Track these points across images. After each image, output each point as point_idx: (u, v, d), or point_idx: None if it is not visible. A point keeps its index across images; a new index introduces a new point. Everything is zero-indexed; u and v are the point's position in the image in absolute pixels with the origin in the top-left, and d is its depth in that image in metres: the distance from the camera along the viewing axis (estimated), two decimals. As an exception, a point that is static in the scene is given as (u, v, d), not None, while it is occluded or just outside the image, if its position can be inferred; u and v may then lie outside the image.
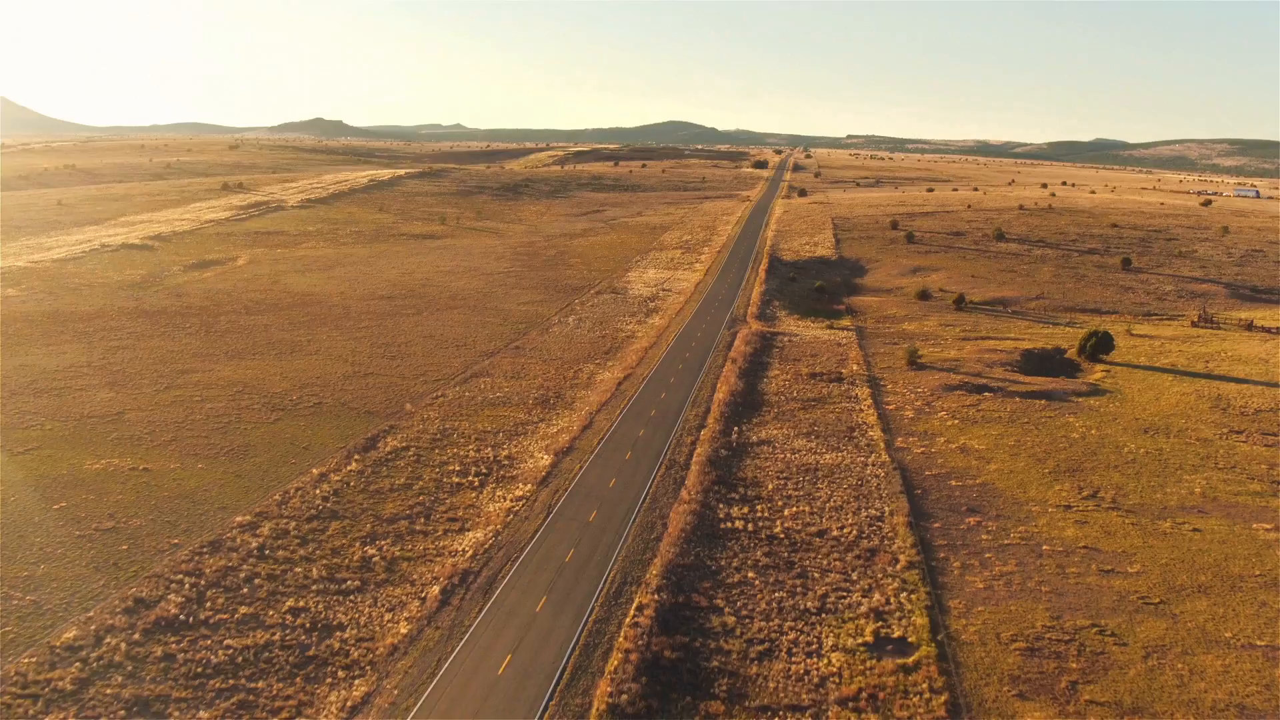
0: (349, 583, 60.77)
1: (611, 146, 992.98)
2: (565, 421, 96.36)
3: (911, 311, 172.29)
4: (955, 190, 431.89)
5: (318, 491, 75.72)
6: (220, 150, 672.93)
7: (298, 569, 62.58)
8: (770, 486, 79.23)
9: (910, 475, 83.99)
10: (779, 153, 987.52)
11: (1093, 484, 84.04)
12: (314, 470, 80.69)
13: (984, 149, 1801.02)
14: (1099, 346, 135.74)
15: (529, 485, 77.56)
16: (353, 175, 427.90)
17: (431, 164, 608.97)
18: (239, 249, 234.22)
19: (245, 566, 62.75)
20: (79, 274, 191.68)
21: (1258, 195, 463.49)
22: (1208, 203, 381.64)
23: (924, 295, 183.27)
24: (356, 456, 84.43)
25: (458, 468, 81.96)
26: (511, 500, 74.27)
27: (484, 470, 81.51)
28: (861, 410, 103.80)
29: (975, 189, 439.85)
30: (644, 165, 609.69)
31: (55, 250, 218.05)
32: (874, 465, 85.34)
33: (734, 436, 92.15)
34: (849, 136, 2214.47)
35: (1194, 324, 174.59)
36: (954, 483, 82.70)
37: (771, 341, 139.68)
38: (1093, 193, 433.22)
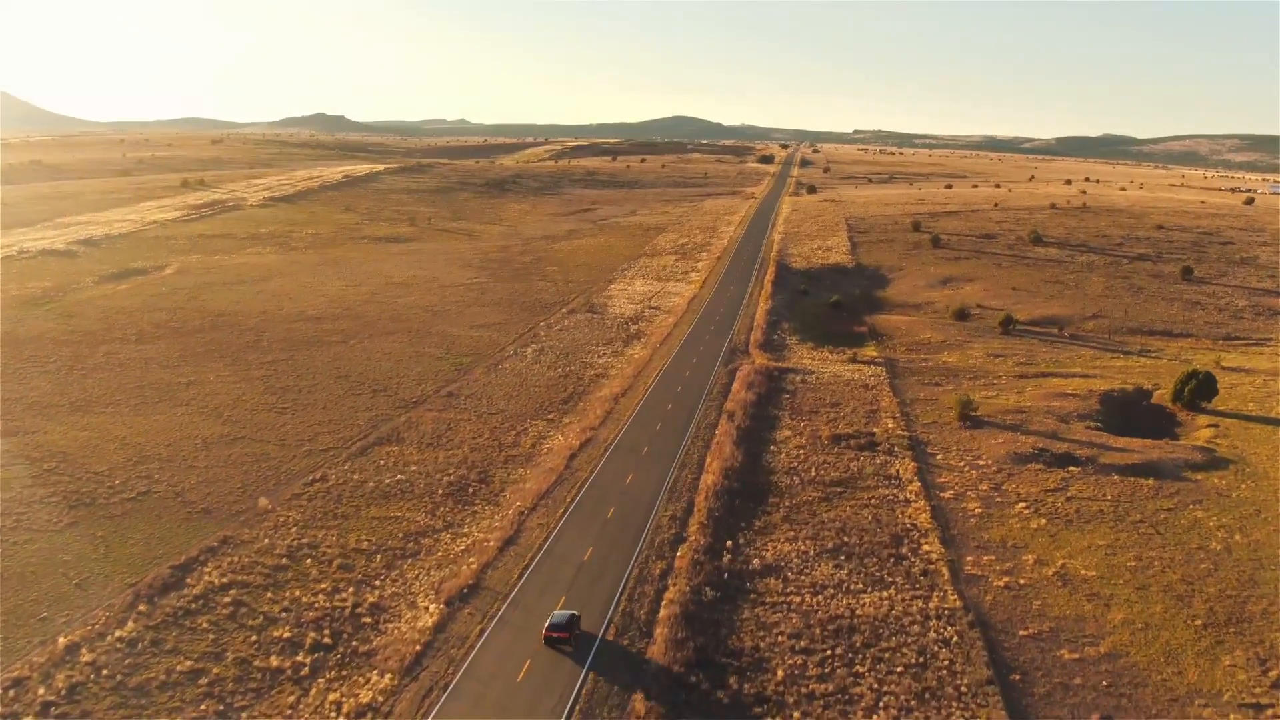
0: None
1: (611, 141, 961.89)
2: (481, 530, 66.63)
3: (949, 336, 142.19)
4: (976, 187, 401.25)
5: (42, 691, 46.23)
6: (201, 145, 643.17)
7: None
8: (781, 673, 49.43)
9: (996, 639, 54.19)
10: (785, 147, 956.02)
11: (1276, 649, 54.25)
12: (62, 638, 51.14)
13: (992, 144, 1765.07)
14: (1200, 391, 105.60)
15: (388, 677, 47.83)
16: (326, 171, 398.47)
17: (422, 159, 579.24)
18: (173, 255, 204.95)
19: None
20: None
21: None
22: (1250, 201, 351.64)
23: (962, 315, 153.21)
24: (144, 604, 54.91)
25: (288, 633, 52.27)
26: (348, 716, 44.59)
27: (327, 639, 51.81)
28: (907, 502, 73.96)
29: (997, 185, 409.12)
30: (643, 160, 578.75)
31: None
32: (938, 618, 55.54)
33: (726, 560, 62.33)
34: (855, 131, 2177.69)
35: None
36: (1066, 654, 52.90)
37: (780, 383, 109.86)
38: (1123, 190, 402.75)
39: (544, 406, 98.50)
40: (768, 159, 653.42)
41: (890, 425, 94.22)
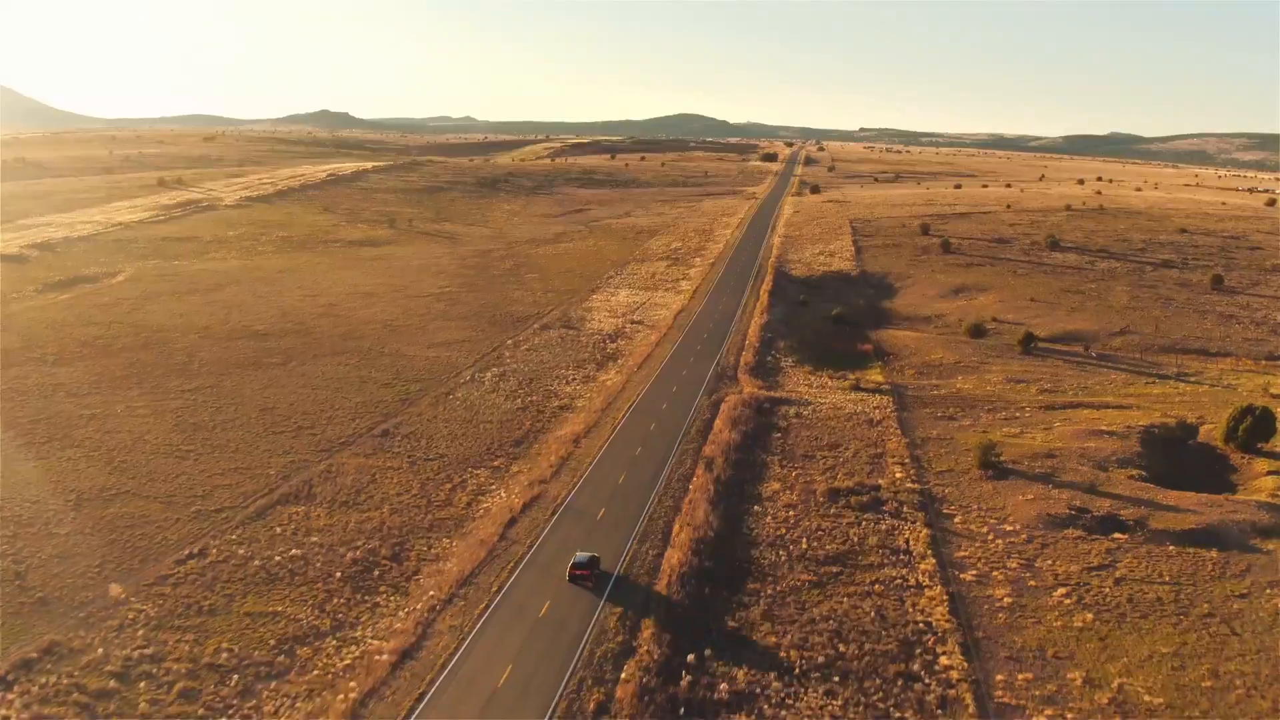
0: None
1: (612, 139, 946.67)
2: (377, 633, 52.45)
3: (964, 356, 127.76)
4: (986, 187, 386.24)
5: None
6: (193, 142, 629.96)
7: None
8: None
9: (1044, 816, 39.98)
10: (790, 145, 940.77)
11: None
12: None
13: (998, 142, 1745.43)
14: (1256, 430, 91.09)
15: None
16: (311, 169, 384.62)
17: (415, 157, 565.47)
18: (129, 261, 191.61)
19: None
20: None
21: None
22: (1272, 202, 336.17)
23: (977, 331, 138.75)
24: (-100, 760, 41.08)
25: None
26: None
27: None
28: (920, 587, 59.67)
29: (1008, 185, 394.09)
30: (642, 158, 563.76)
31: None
32: (965, 782, 41.34)
33: (684, 684, 48.15)
34: (861, 129, 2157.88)
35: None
36: (1142, 843, 38.70)
37: (771, 417, 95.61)
38: (1138, 190, 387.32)
39: (491, 450, 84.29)
40: (771, 157, 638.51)
41: (898, 475, 79.94)
